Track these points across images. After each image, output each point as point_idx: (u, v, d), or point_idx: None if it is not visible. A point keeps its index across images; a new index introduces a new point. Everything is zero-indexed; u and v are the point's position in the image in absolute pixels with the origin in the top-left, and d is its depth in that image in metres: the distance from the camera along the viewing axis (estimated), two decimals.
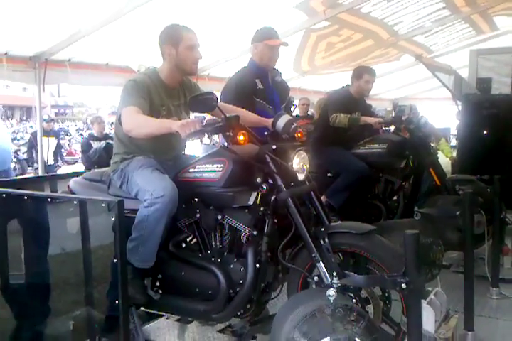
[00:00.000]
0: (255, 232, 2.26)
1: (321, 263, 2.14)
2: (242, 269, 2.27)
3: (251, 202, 2.26)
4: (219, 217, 2.35)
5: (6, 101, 39.06)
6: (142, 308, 2.82)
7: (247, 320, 2.64)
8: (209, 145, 6.63)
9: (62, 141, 11.32)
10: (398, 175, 4.20)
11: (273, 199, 2.24)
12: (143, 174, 2.40)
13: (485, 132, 4.75)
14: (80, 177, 2.82)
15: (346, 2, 5.67)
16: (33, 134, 8.59)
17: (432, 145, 4.31)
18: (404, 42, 7.68)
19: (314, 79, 8.49)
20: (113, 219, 2.05)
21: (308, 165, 2.32)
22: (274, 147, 2.25)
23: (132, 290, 2.33)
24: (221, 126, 2.10)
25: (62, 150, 10.78)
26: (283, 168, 2.23)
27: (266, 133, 2.34)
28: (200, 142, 6.80)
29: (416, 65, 7.83)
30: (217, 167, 2.31)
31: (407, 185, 4.26)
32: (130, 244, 2.33)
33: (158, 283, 2.49)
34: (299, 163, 2.28)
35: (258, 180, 2.26)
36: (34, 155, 8.59)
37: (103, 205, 2.12)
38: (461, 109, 4.94)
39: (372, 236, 2.17)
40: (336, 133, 4.11)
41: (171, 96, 2.56)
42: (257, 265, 2.25)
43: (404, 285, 1.63)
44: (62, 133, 18.06)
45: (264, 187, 2.24)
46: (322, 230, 2.22)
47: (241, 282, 2.25)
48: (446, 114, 10.95)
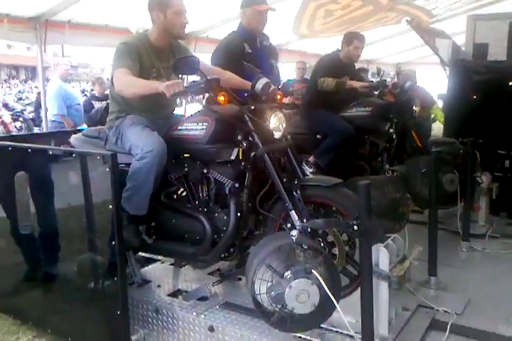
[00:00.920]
0: (237, 184, 2.53)
1: (293, 211, 2.40)
2: (225, 217, 2.55)
3: (233, 157, 2.52)
4: (204, 171, 2.61)
5: (10, 60, 38.77)
6: (140, 254, 3.15)
7: (233, 265, 2.96)
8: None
9: None
10: (383, 138, 4.39)
11: (252, 154, 2.48)
12: (135, 131, 2.64)
13: (474, 97, 4.90)
14: (80, 134, 3.07)
15: None
16: (39, 94, 8.75)
17: (415, 109, 4.46)
18: (403, 5, 7.65)
19: (314, 42, 8.50)
20: (108, 170, 2.32)
21: (284, 125, 2.54)
22: (253, 107, 2.47)
23: (128, 234, 2.63)
24: (202, 87, 2.31)
25: None
26: (260, 126, 2.46)
27: (246, 95, 2.55)
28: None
29: None
30: (202, 125, 2.54)
31: (390, 146, 4.48)
32: (125, 193, 2.61)
33: (152, 229, 2.79)
34: (276, 122, 2.50)
35: (239, 137, 2.50)
36: (41, 115, 8.77)
37: (98, 158, 2.38)
38: (448, 74, 5.07)
39: (339, 188, 2.42)
40: (325, 97, 4.28)
41: (161, 58, 2.75)
42: (239, 214, 2.52)
43: (355, 227, 1.89)
44: None
45: (244, 144, 2.48)
46: (295, 183, 2.47)
47: (224, 229, 2.54)
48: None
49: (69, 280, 2.75)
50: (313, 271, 1.88)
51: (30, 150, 2.73)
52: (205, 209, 2.65)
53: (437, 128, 7.52)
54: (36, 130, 10.99)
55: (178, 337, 2.61)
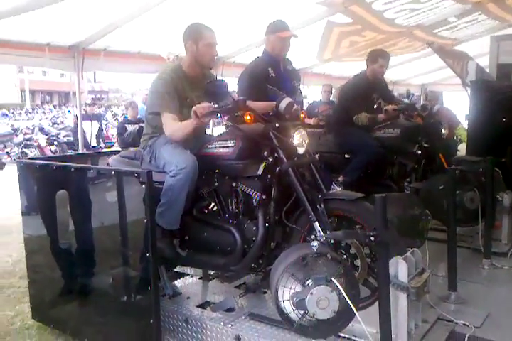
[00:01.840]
0: (264, 197, 2.68)
1: (316, 223, 2.54)
2: (254, 228, 2.69)
3: (259, 172, 2.68)
4: (233, 185, 2.78)
5: (45, 87, 40.39)
6: (172, 270, 3.30)
7: (259, 278, 3.09)
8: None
9: None
10: (411, 159, 4.42)
11: (277, 169, 2.65)
12: (168, 149, 2.84)
13: (503, 119, 4.94)
14: (117, 155, 3.32)
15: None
16: (76, 117, 9.12)
17: (443, 131, 4.52)
18: (426, 34, 7.71)
19: (338, 65, 8.65)
20: (143, 186, 2.51)
21: (307, 141, 2.71)
22: (277, 125, 2.65)
23: (163, 247, 2.82)
24: (230, 107, 2.51)
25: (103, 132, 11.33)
26: (284, 143, 2.64)
27: (270, 114, 2.74)
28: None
29: None
30: (230, 143, 2.74)
31: (418, 167, 4.49)
32: (159, 209, 2.78)
33: (185, 243, 2.95)
34: (299, 139, 2.67)
35: (265, 153, 2.68)
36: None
37: (135, 175, 2.58)
38: (469, 94, 5.17)
39: (360, 202, 2.54)
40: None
41: (193, 87, 2.96)
42: (267, 225, 2.66)
43: (372, 238, 2.01)
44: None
45: (270, 159, 2.66)
46: (319, 196, 2.61)
47: (254, 239, 2.68)
48: None
49: (105, 293, 2.89)
50: (333, 279, 2.00)
51: (73, 169, 2.93)
52: (234, 221, 2.80)
53: (463, 149, 7.54)
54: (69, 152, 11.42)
55: None
